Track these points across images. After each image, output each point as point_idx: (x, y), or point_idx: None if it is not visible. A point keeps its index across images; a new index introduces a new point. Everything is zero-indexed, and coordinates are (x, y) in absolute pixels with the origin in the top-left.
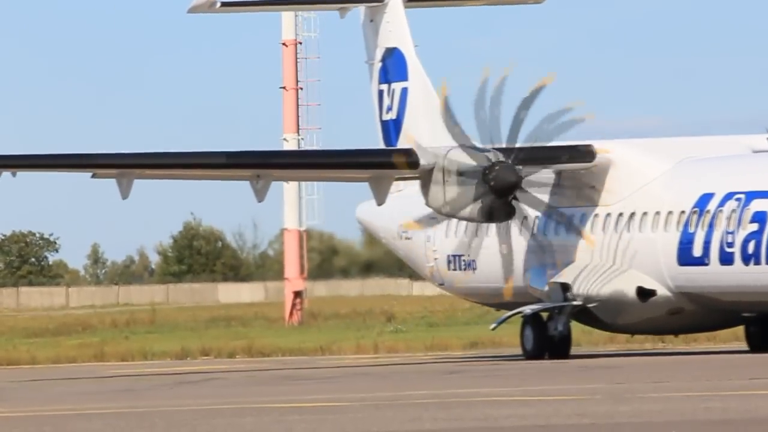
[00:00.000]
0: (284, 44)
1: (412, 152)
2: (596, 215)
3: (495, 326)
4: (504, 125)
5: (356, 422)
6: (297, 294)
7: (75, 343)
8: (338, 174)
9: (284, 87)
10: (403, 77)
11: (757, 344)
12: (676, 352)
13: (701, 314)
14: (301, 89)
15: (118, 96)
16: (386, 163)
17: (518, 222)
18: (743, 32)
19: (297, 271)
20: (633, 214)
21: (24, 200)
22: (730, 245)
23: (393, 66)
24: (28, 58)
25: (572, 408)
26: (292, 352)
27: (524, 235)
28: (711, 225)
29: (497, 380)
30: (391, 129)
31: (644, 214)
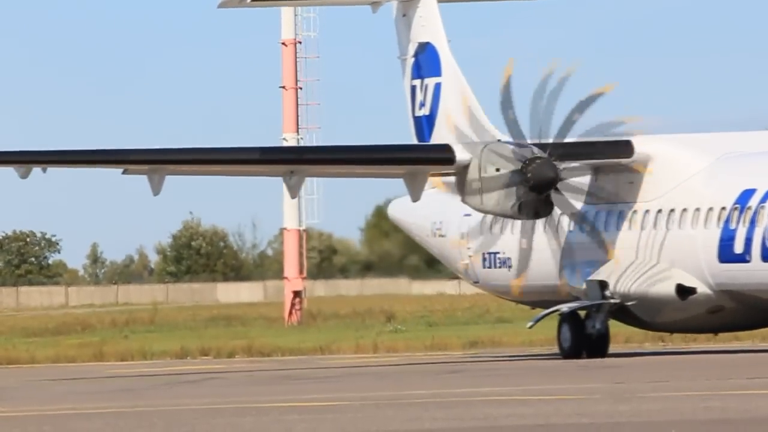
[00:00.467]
0: (284, 44)
1: (449, 147)
2: (635, 212)
3: (532, 324)
4: (533, 120)
5: (356, 422)
6: (296, 294)
7: (75, 343)
8: (372, 170)
9: (284, 86)
10: (437, 73)
11: None
12: (677, 352)
13: (742, 312)
14: (301, 89)
15: (118, 95)
16: (422, 159)
17: (554, 219)
18: (743, 32)
19: (296, 271)
20: (672, 211)
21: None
22: None
23: (426, 61)
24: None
25: (572, 408)
26: (292, 352)
27: (561, 232)
28: (753, 221)
29: (497, 380)
30: (424, 125)
31: (684, 211)
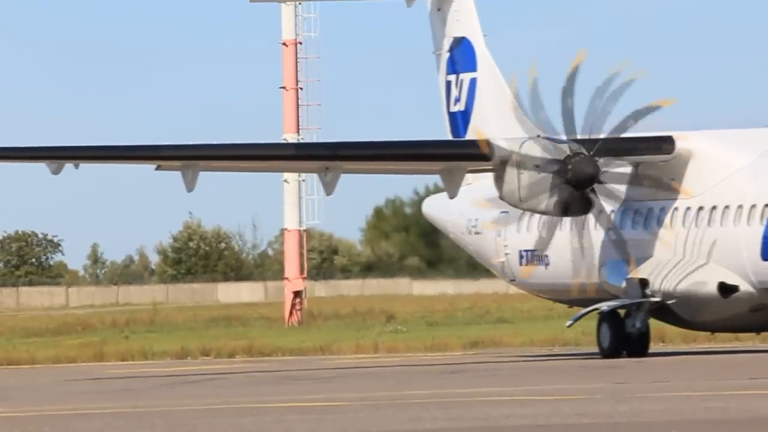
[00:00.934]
0: (284, 44)
1: (488, 143)
2: (675, 209)
3: (571, 323)
4: (569, 115)
5: (356, 422)
6: (297, 294)
7: (75, 343)
8: (409, 166)
9: (284, 87)
10: (472, 68)
11: None
12: (677, 352)
13: None
14: (301, 89)
15: (118, 95)
16: (460, 155)
17: (594, 216)
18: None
19: (297, 271)
20: (714, 208)
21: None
22: None
23: (461, 56)
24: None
25: (572, 408)
26: (292, 352)
27: (600, 230)
28: None
29: (497, 380)
30: (459, 121)
31: (726, 208)
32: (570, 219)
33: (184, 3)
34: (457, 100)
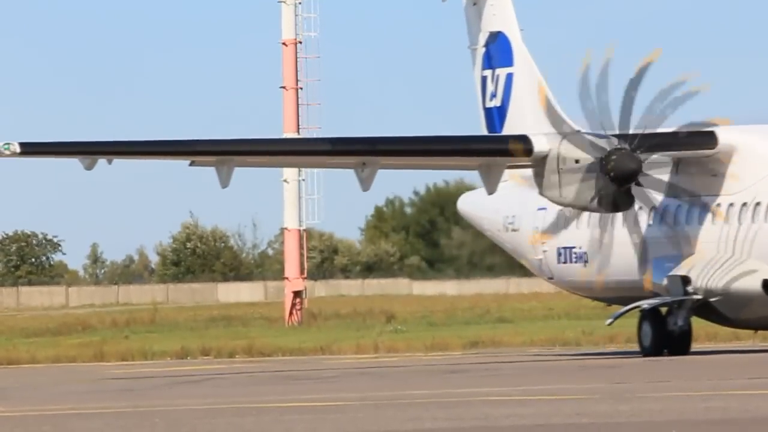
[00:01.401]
0: (284, 44)
1: (527, 138)
2: (718, 204)
3: (611, 321)
4: (613, 110)
5: (356, 422)
6: (297, 294)
7: (75, 343)
8: (447, 162)
9: (284, 87)
10: (509, 63)
11: None
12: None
13: None
14: (301, 89)
15: (119, 95)
16: (499, 150)
17: (634, 212)
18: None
19: (297, 271)
20: (758, 204)
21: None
22: None
23: (497, 51)
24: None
25: (572, 408)
26: (292, 352)
27: (641, 226)
28: None
29: (497, 380)
30: (495, 116)
31: None
32: (620, 215)
33: (185, 3)
34: (493, 96)
